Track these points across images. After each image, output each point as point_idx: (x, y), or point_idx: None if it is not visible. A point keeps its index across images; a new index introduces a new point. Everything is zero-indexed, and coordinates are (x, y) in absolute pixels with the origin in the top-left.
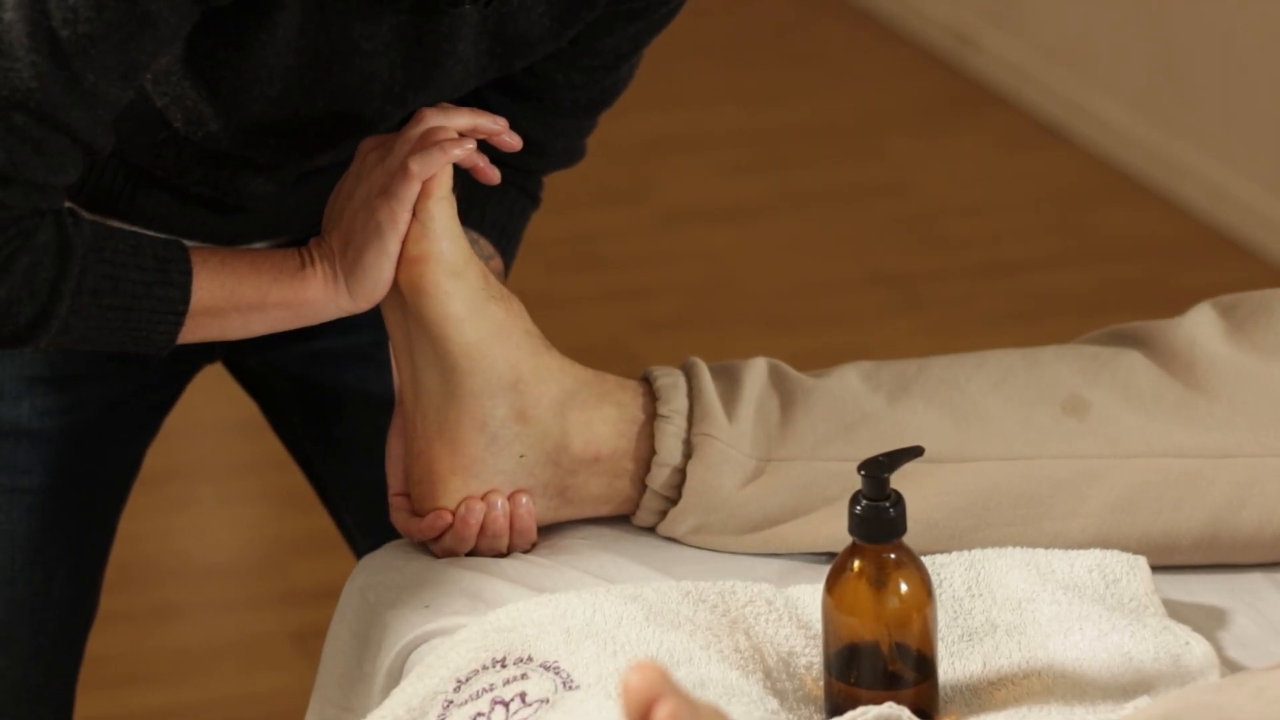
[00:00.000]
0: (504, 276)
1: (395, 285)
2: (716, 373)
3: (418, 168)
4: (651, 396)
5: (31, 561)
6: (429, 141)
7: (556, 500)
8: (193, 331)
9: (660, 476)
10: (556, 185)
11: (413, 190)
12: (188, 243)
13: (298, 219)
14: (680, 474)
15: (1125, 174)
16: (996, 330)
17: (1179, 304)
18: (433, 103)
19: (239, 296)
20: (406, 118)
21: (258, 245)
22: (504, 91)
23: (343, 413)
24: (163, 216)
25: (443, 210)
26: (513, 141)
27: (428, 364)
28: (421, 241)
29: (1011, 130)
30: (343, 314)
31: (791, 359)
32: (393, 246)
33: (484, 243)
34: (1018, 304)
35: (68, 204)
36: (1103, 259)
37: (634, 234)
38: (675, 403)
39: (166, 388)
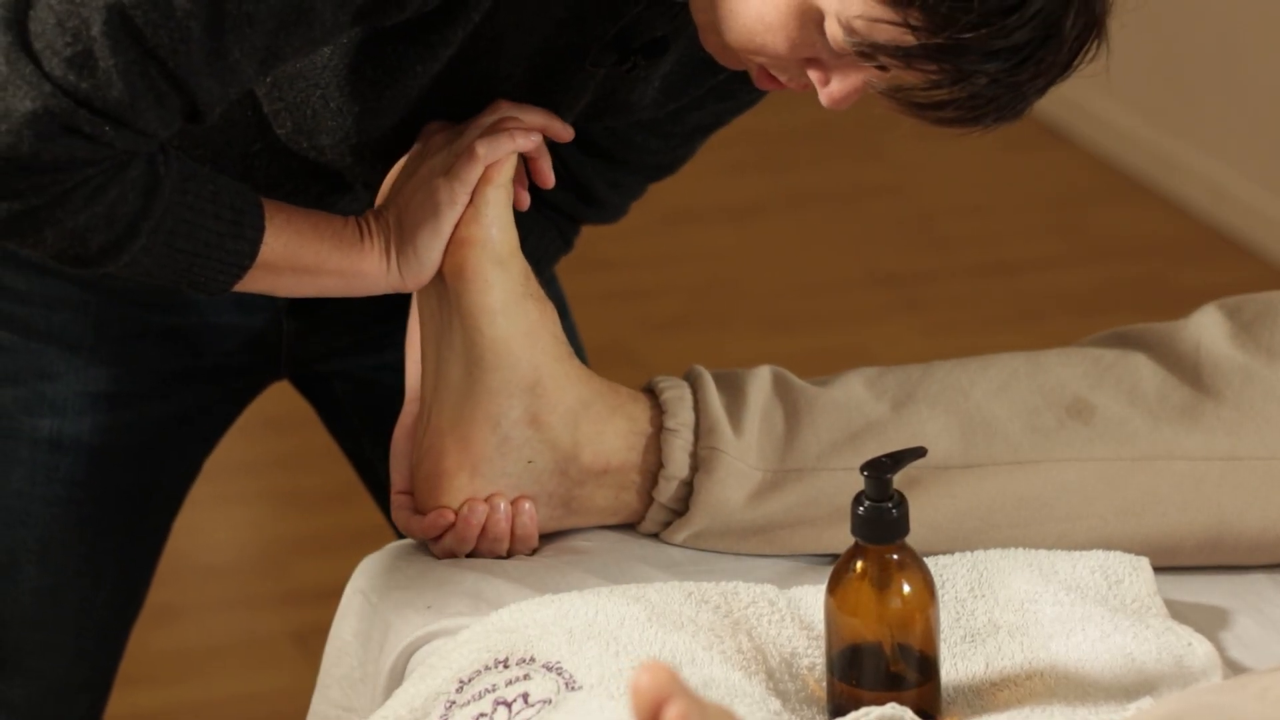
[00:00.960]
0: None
1: (441, 265)
2: (721, 383)
3: (484, 150)
4: (658, 409)
5: (81, 571)
6: (499, 129)
7: (561, 510)
8: (247, 284)
9: (668, 490)
10: None
11: (475, 172)
12: None
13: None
14: (687, 487)
15: (1125, 174)
16: (996, 330)
17: (1179, 304)
18: None
19: (298, 258)
20: None
21: None
22: (582, 146)
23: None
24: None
25: (499, 198)
26: (549, 176)
27: (454, 354)
28: (472, 224)
29: (1011, 130)
30: (390, 290)
31: (792, 359)
32: (447, 227)
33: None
34: (1017, 304)
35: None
36: (1103, 259)
37: (634, 234)
38: (682, 416)
39: (229, 404)
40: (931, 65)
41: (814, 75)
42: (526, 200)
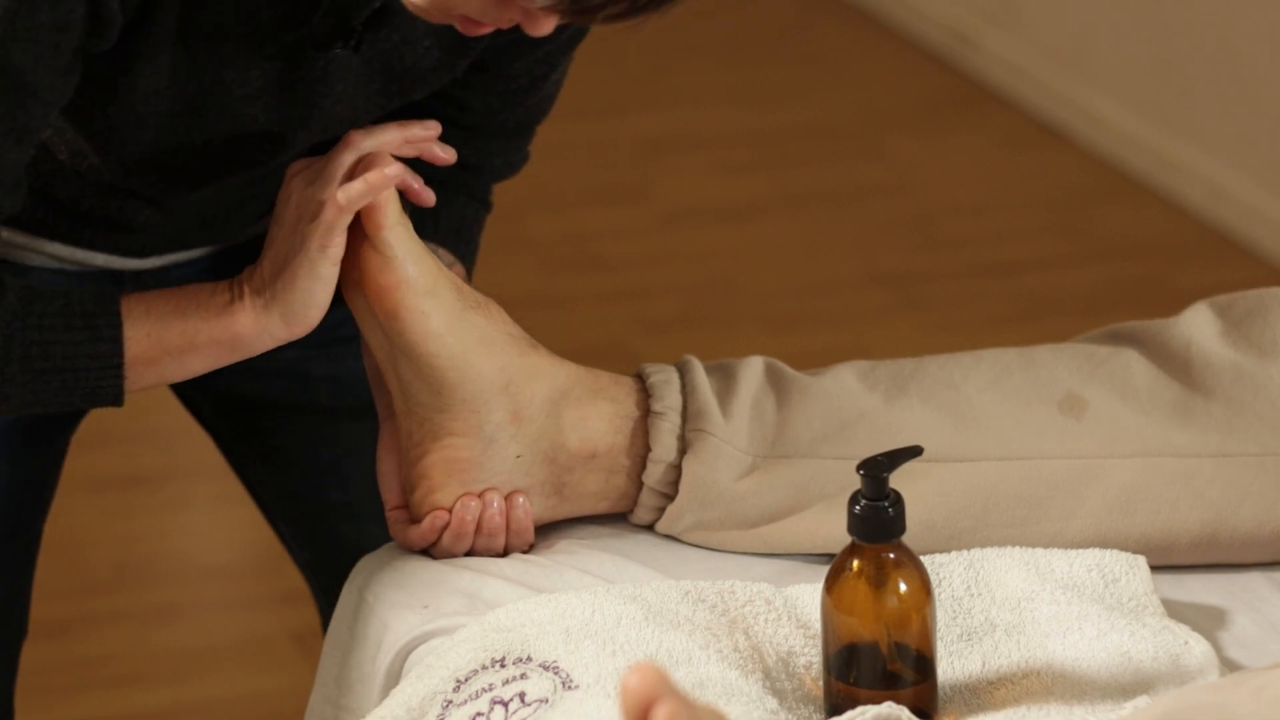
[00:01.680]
0: (467, 280)
1: (371, 309)
2: (712, 370)
3: (344, 200)
4: (645, 393)
5: None
6: (357, 170)
7: (554, 498)
8: (135, 382)
9: (656, 473)
10: (556, 185)
11: (343, 222)
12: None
13: (202, 234)
14: (676, 470)
15: (1125, 174)
16: (996, 330)
17: (1179, 304)
18: (319, 138)
19: (166, 341)
20: (297, 149)
21: (169, 257)
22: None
23: (270, 423)
24: (69, 233)
25: (399, 237)
26: (446, 155)
27: (414, 378)
28: (386, 271)
29: (1011, 130)
30: (278, 343)
31: (791, 359)
32: (325, 271)
33: (442, 251)
34: (1017, 304)
35: None
36: (1102, 259)
37: (634, 234)
38: (669, 399)
39: None
40: None
41: (519, 20)
42: (431, 197)
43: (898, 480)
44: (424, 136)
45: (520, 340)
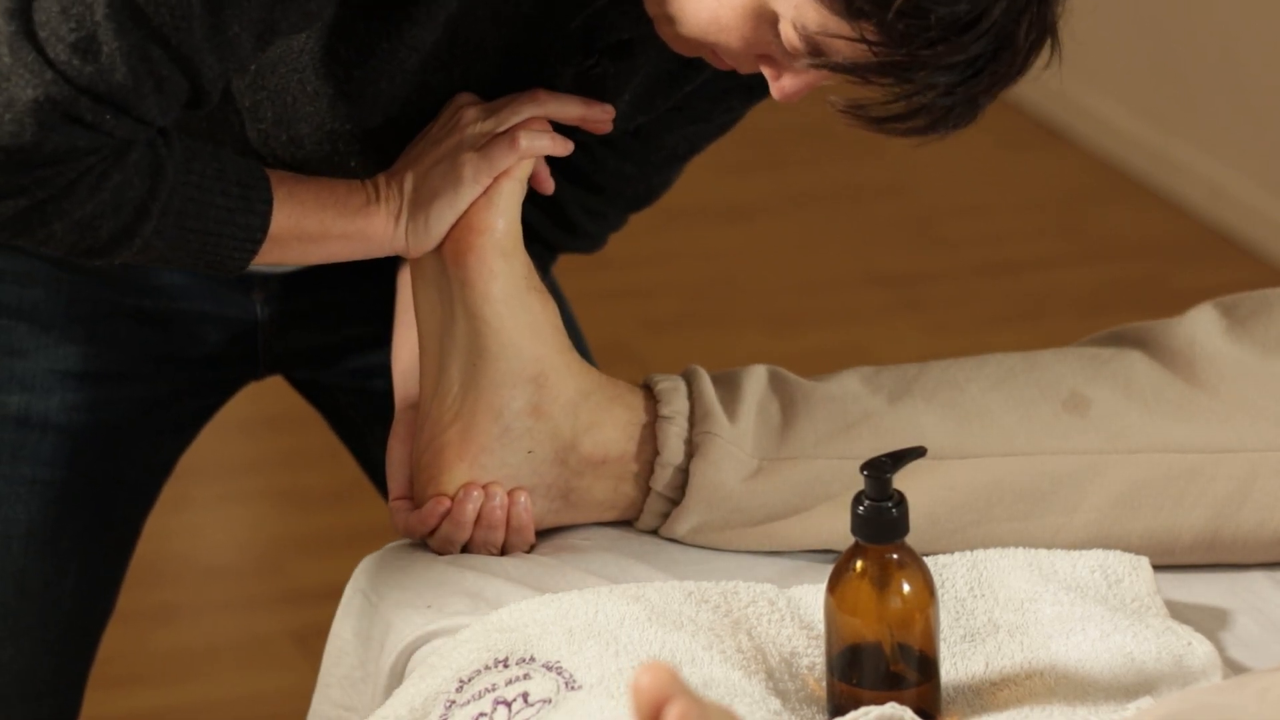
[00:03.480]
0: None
1: (442, 260)
2: (716, 380)
3: (526, 143)
4: (654, 400)
5: (43, 554)
6: (542, 126)
7: (559, 503)
8: (260, 258)
9: (664, 477)
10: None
11: (509, 160)
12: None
13: None
14: (683, 474)
15: (1125, 174)
16: (996, 330)
17: (1179, 304)
18: None
19: (303, 227)
20: None
21: None
22: (559, 168)
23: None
24: None
25: (513, 190)
26: (605, 116)
27: (455, 347)
28: (484, 212)
29: (1011, 130)
30: (399, 253)
31: (792, 359)
32: (463, 203)
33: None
34: (1017, 304)
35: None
36: (1103, 259)
37: (634, 233)
38: (676, 404)
39: (206, 395)
40: (886, 79)
41: (767, 70)
42: (551, 183)
43: (902, 478)
44: (602, 119)
45: (562, 338)
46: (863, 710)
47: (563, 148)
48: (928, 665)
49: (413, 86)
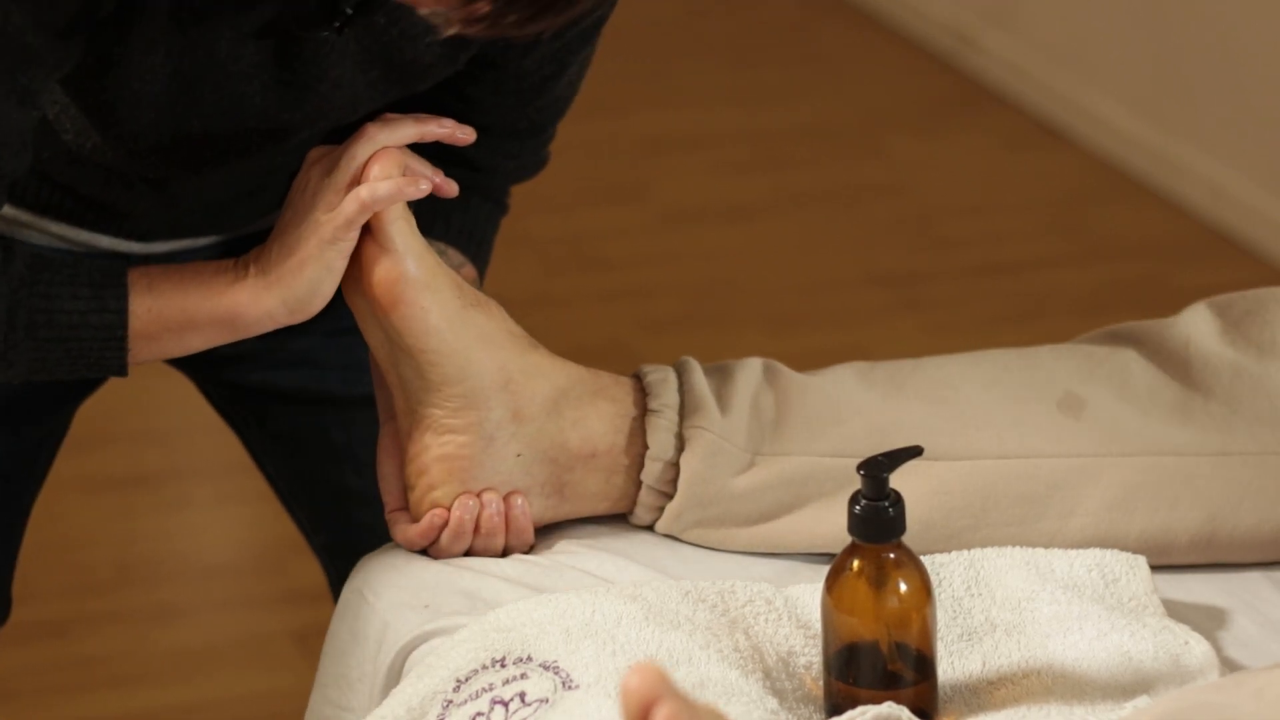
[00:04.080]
0: (479, 283)
1: (371, 306)
2: (710, 370)
3: (369, 198)
4: (643, 392)
5: None
6: (370, 163)
7: (555, 498)
8: (137, 355)
9: (654, 471)
10: (556, 185)
11: (362, 218)
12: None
13: (207, 223)
14: (674, 468)
15: (1125, 174)
16: (996, 330)
17: (1179, 304)
18: (322, 125)
19: (166, 317)
20: (300, 137)
21: (174, 243)
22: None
23: (282, 410)
24: (72, 213)
25: (401, 230)
26: (465, 136)
27: (414, 376)
28: (386, 264)
29: (1011, 130)
30: (276, 326)
31: (791, 359)
32: (336, 263)
33: (452, 252)
34: (1017, 304)
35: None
36: (1103, 259)
37: (634, 234)
38: (666, 397)
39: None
40: None
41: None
42: (455, 189)
43: (896, 480)
44: (440, 134)
45: (520, 339)
46: (860, 709)
47: (410, 187)
48: (925, 664)
49: (168, 87)
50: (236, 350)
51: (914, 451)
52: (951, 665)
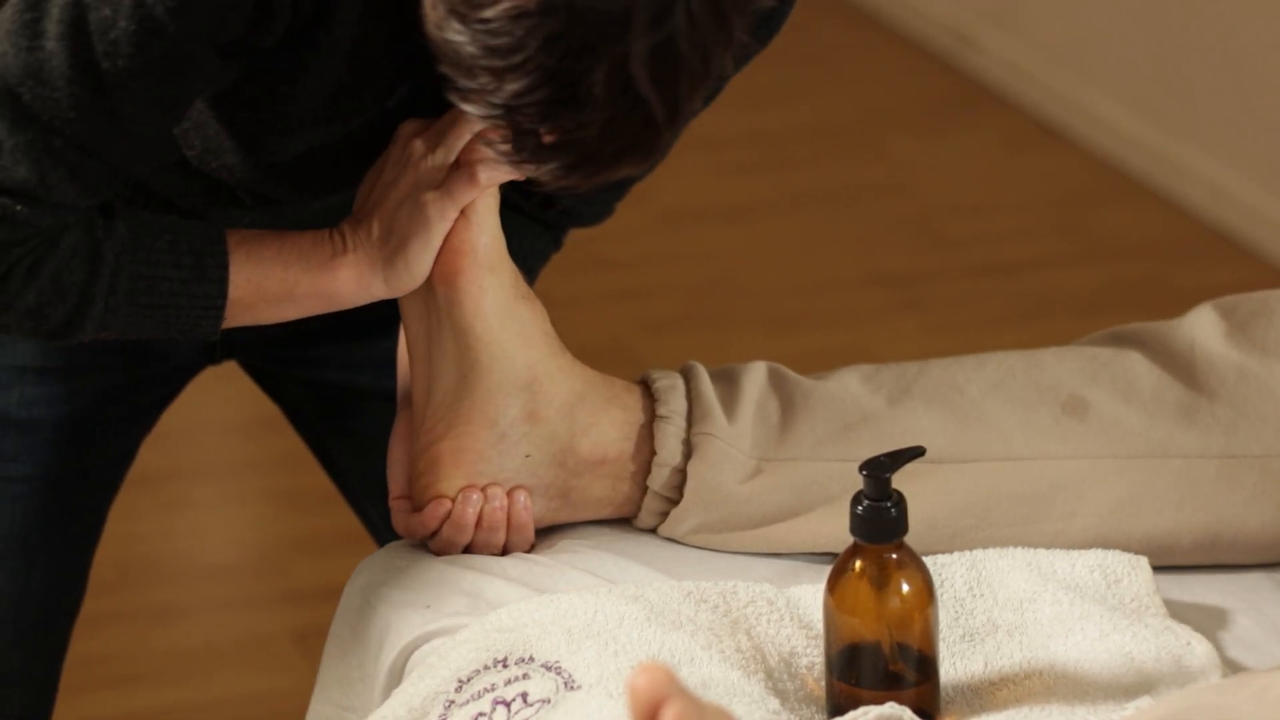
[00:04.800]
0: None
1: (432, 273)
2: (715, 376)
3: (485, 177)
4: (651, 399)
5: (11, 551)
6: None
7: (558, 502)
8: (229, 321)
9: (661, 477)
10: None
11: (471, 195)
12: None
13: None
14: (681, 474)
15: (1125, 174)
16: (996, 330)
17: (1179, 304)
18: None
19: (265, 289)
20: None
21: None
22: None
23: (360, 408)
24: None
25: (487, 205)
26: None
27: (445, 358)
28: (464, 233)
29: (1011, 130)
30: (373, 299)
31: (791, 359)
32: (438, 240)
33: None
34: (1018, 304)
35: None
36: (1103, 259)
37: (634, 234)
38: (674, 404)
39: (164, 385)
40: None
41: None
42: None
43: (900, 480)
44: None
45: (553, 341)
46: (862, 710)
47: (516, 171)
48: (927, 665)
49: (324, 122)
50: (319, 353)
51: (916, 452)
52: (953, 666)
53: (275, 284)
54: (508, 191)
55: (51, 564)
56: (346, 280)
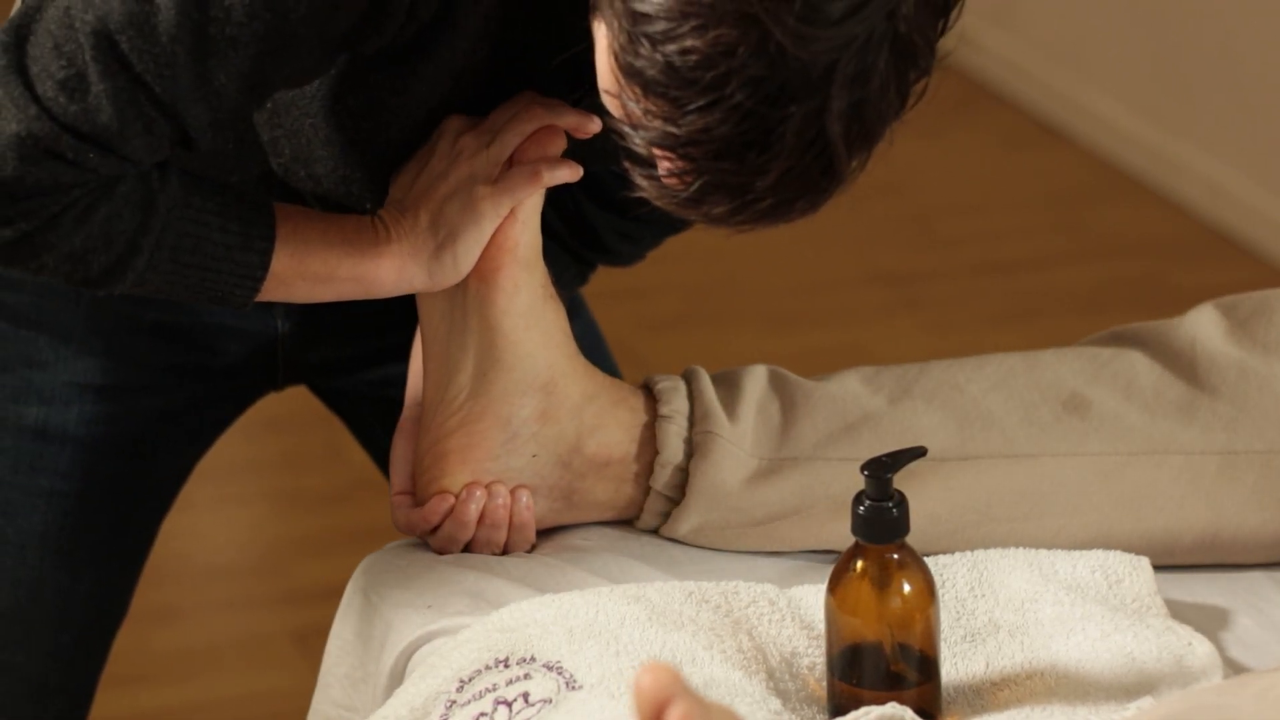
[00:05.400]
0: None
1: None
2: (716, 379)
3: (549, 176)
4: (653, 400)
5: (59, 563)
6: (547, 145)
7: (561, 503)
8: (264, 295)
9: (663, 476)
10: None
11: (530, 193)
12: None
13: None
14: (683, 473)
15: (1125, 174)
16: (996, 329)
17: (1179, 303)
18: None
19: (306, 266)
20: None
21: None
22: (592, 194)
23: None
24: None
25: (534, 204)
26: (594, 125)
27: (465, 354)
28: (510, 229)
29: (1010, 129)
30: (410, 290)
31: (791, 358)
32: (487, 236)
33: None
34: (1017, 303)
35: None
36: (1102, 258)
37: None
38: (675, 404)
39: (224, 406)
40: (666, 150)
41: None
42: (579, 170)
43: (902, 478)
44: (593, 129)
45: (570, 343)
46: (863, 710)
47: (577, 172)
48: (928, 665)
49: (421, 136)
50: (385, 374)
51: (918, 452)
52: (955, 666)
53: (317, 264)
54: (548, 216)
55: (98, 578)
56: (388, 269)
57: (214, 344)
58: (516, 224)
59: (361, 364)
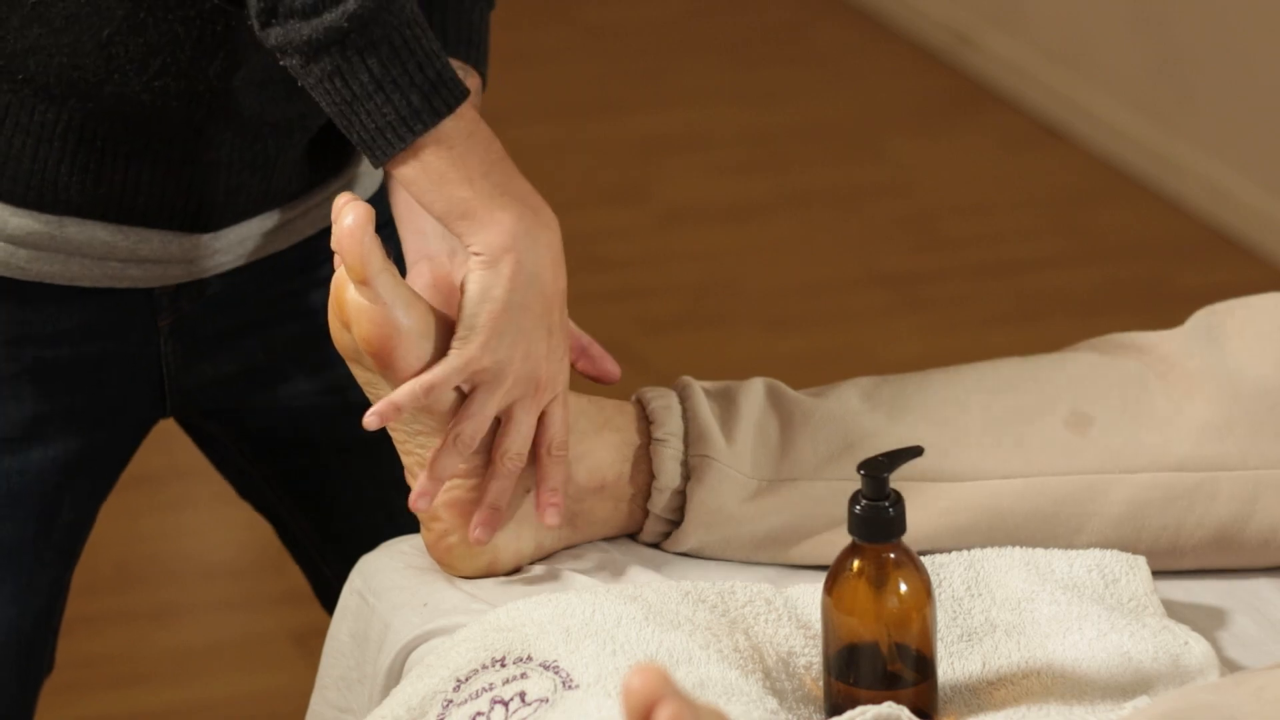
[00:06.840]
0: (483, 88)
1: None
2: (712, 395)
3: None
4: (646, 419)
5: None
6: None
7: (566, 530)
8: (393, 164)
9: (661, 500)
10: (556, 185)
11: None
12: None
13: (258, 181)
14: (681, 496)
15: (1125, 174)
16: (996, 330)
17: (1179, 304)
18: None
19: (445, 174)
20: None
21: (228, 233)
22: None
23: (313, 464)
24: (134, 207)
25: (386, 283)
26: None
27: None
28: (379, 321)
29: (1011, 130)
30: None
31: (791, 359)
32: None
33: (455, 63)
34: (1018, 304)
35: None
36: (1103, 259)
37: (634, 234)
38: (670, 425)
39: (117, 447)
40: None
41: None
42: (617, 371)
43: (905, 504)
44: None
45: None
46: (860, 710)
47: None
48: (925, 665)
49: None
50: (267, 399)
51: (914, 451)
52: (951, 666)
53: (458, 180)
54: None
55: (12, 638)
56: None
57: (97, 376)
58: (385, 309)
59: (246, 386)
